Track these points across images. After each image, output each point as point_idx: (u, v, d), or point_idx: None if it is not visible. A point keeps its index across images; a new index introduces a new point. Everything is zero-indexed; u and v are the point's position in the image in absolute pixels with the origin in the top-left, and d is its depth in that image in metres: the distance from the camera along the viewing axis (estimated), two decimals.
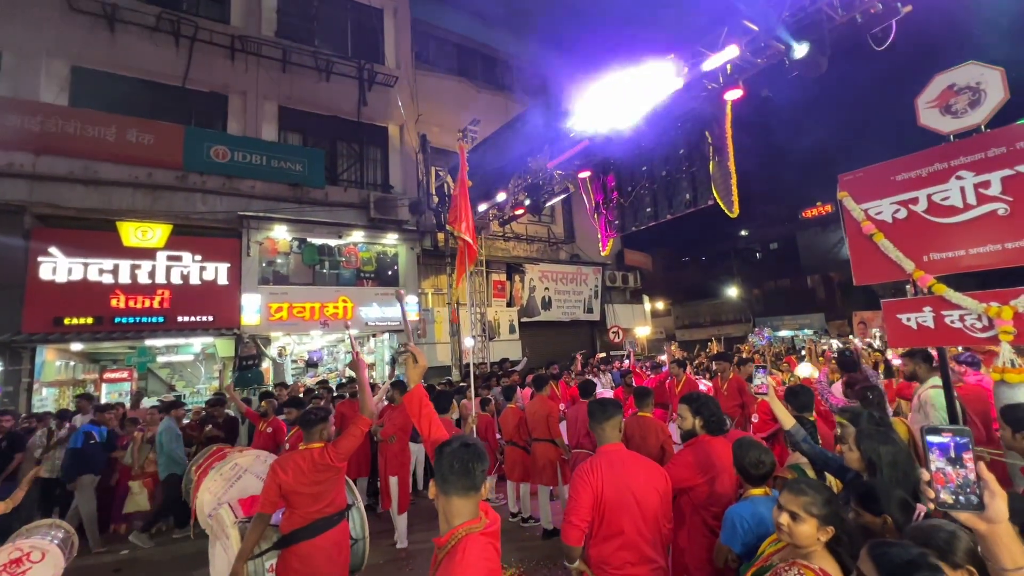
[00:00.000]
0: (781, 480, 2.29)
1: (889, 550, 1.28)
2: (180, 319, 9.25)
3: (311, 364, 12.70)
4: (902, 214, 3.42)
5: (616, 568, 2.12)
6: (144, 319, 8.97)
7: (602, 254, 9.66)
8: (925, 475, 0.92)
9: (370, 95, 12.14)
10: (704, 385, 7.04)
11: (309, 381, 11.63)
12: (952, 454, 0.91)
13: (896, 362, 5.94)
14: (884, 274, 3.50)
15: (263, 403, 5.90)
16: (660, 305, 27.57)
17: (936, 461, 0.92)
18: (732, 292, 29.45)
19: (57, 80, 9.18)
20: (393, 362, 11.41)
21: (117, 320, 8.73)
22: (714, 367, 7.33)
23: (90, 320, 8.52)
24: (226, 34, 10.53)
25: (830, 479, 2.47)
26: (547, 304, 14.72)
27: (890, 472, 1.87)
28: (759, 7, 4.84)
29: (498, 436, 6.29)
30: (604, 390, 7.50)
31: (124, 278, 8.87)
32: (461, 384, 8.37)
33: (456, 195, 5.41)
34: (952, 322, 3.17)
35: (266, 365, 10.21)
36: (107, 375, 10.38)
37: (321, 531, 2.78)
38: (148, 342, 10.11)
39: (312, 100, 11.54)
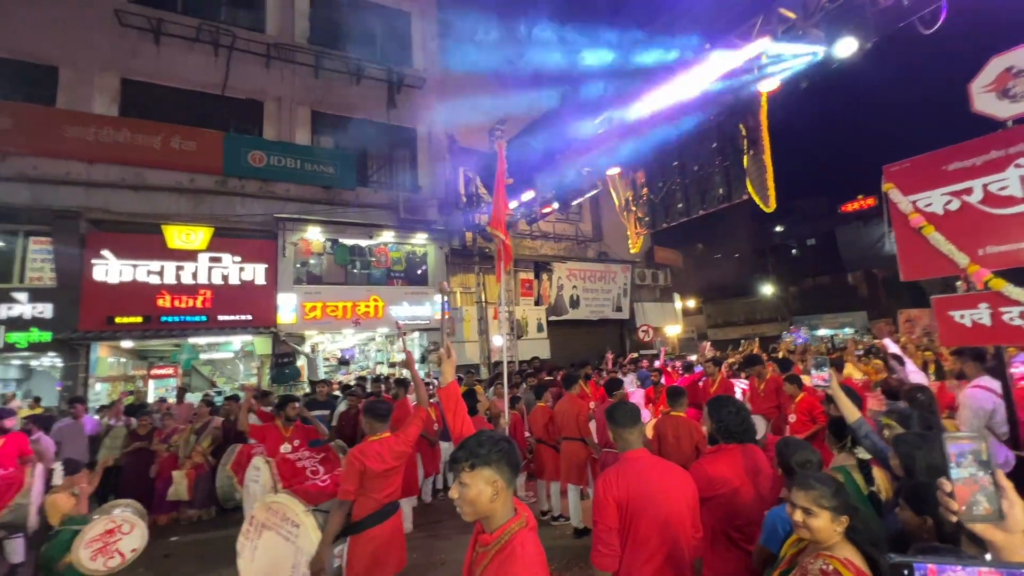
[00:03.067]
0: None
1: (926, 552, 1.25)
2: (221, 318, 9.65)
3: (343, 362, 13.02)
4: (954, 205, 3.25)
5: None
6: (188, 318, 9.40)
7: (631, 252, 9.52)
8: (947, 486, 0.88)
9: (399, 97, 12.35)
10: (740, 386, 6.84)
11: (343, 378, 11.94)
12: (970, 461, 0.87)
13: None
14: (934, 269, 3.33)
15: (289, 407, 4.87)
16: (691, 303, 26.92)
17: (958, 471, 0.88)
18: (767, 290, 28.51)
19: (108, 92, 9.71)
20: (423, 360, 11.57)
21: (163, 319, 9.19)
22: (743, 374, 7.06)
23: (139, 319, 8.99)
24: (261, 42, 10.90)
25: (879, 480, 2.36)
26: (575, 303, 14.62)
27: (924, 475, 1.80)
28: None
29: (527, 434, 6.29)
30: (632, 389, 7.40)
31: (169, 279, 9.33)
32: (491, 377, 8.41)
33: (496, 196, 5.20)
34: (1011, 319, 2.98)
35: (301, 362, 10.52)
36: (154, 371, 10.93)
37: (388, 516, 2.94)
38: (191, 340, 10.60)
39: (343, 104, 11.82)
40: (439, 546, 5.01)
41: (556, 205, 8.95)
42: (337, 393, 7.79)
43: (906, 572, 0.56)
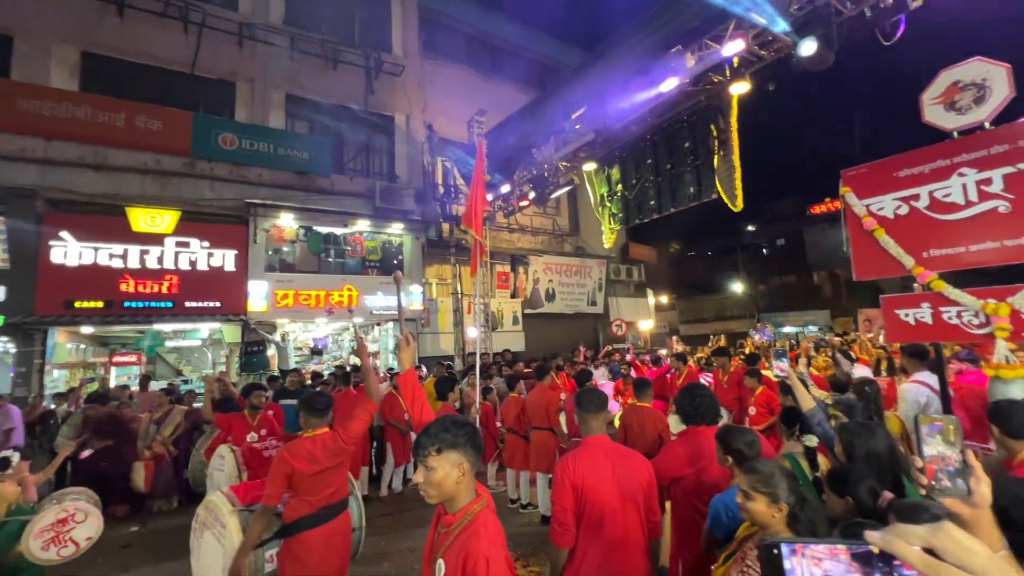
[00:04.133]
0: None
1: (858, 529, 1.36)
2: (188, 304, 9.38)
3: (316, 351, 12.82)
4: (904, 210, 3.43)
5: None
6: (153, 304, 9.10)
7: (605, 247, 9.66)
8: (918, 462, 0.96)
9: (377, 84, 12.14)
10: (706, 379, 7.08)
11: (315, 368, 11.78)
12: (939, 441, 0.95)
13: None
14: (884, 270, 3.52)
15: (254, 396, 4.80)
16: (664, 299, 27.49)
17: (928, 448, 0.95)
18: (737, 287, 29.33)
19: (68, 65, 9.25)
20: (397, 349, 11.51)
21: (126, 304, 8.88)
22: (713, 362, 7.37)
23: (100, 304, 8.66)
24: (234, 21, 10.54)
25: (824, 466, 2.51)
26: (551, 296, 14.76)
27: (865, 462, 1.93)
28: (767, 1, 4.80)
29: (498, 424, 6.38)
30: (602, 382, 7.56)
31: (133, 263, 9.00)
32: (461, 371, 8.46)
33: (471, 194, 5.22)
34: (949, 318, 3.19)
35: (272, 352, 10.34)
36: (116, 358, 10.56)
37: (327, 519, 2.72)
38: (156, 327, 10.26)
39: (319, 88, 11.56)
40: (407, 533, 5.06)
41: (533, 195, 8.99)
42: (309, 382, 7.71)
43: (775, 551, 0.61)
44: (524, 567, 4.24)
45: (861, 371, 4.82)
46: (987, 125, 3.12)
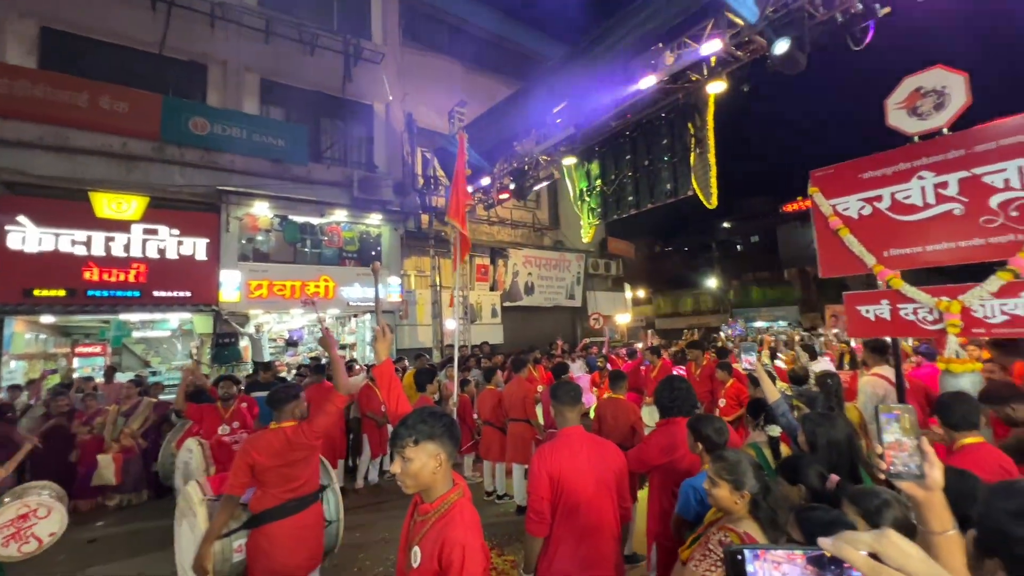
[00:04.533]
0: None
1: (811, 514, 1.45)
2: (156, 294, 9.09)
3: (291, 343, 12.63)
4: (867, 211, 3.58)
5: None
6: (119, 293, 8.79)
7: (584, 241, 9.76)
8: (878, 448, 1.02)
9: (356, 71, 11.90)
10: (680, 371, 7.26)
11: (290, 360, 11.60)
12: (896, 429, 1.00)
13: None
14: (848, 267, 3.67)
15: (223, 386, 4.79)
16: (641, 293, 27.93)
17: (887, 436, 1.01)
18: (712, 283, 29.98)
19: (25, 41, 8.78)
20: (374, 341, 11.41)
21: (90, 293, 8.55)
22: (688, 356, 7.55)
23: (62, 292, 8.32)
24: (205, 0, 10.16)
25: (785, 455, 2.62)
26: (530, 289, 14.83)
27: (826, 450, 2.04)
28: (745, 1, 4.90)
29: (475, 416, 6.42)
30: (579, 374, 7.68)
31: (98, 250, 8.66)
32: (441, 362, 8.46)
33: (455, 187, 5.22)
34: (906, 315, 3.35)
35: (245, 343, 10.13)
36: (79, 349, 10.19)
37: (293, 512, 2.69)
38: (123, 316, 9.93)
39: (295, 74, 11.27)
40: (383, 524, 5.07)
41: (513, 188, 8.99)
42: (283, 375, 7.60)
43: (739, 557, 0.64)
44: (499, 556, 4.30)
45: (824, 364, 5.01)
46: (945, 131, 3.26)
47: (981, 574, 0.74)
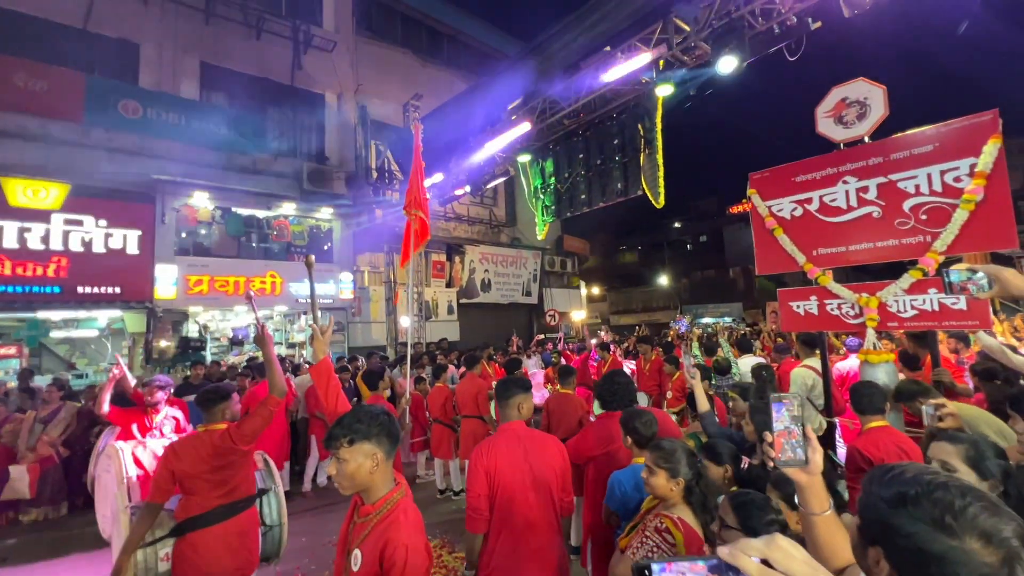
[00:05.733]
0: None
1: (744, 497, 1.54)
2: (80, 290, 8.40)
3: (236, 342, 12.00)
4: (799, 212, 3.81)
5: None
6: (36, 289, 8.06)
7: (539, 238, 9.84)
8: (768, 436, 1.06)
9: (305, 59, 11.44)
10: (629, 367, 7.47)
11: (235, 359, 11.02)
12: (786, 417, 1.04)
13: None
14: (782, 265, 3.89)
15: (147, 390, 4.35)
16: (596, 291, 28.57)
17: (777, 424, 1.05)
18: (663, 280, 31.05)
19: None
20: (310, 339, 11.04)
21: (3, 289, 7.79)
22: (638, 349, 7.80)
23: None
24: None
25: None
26: (486, 286, 14.81)
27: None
28: (692, 8, 5.09)
29: (427, 413, 6.35)
30: (534, 370, 7.75)
31: (11, 242, 7.90)
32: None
33: (412, 179, 5.11)
34: (832, 310, 3.60)
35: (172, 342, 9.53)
36: None
37: (222, 519, 2.56)
38: (41, 314, 9.11)
39: (240, 59, 10.69)
40: (331, 528, 4.92)
41: (468, 188, 8.93)
42: (224, 372, 7.21)
43: (647, 572, 0.65)
44: (450, 554, 4.29)
45: (752, 360, 5.42)
46: (867, 139, 3.52)
47: (865, 563, 0.80)
